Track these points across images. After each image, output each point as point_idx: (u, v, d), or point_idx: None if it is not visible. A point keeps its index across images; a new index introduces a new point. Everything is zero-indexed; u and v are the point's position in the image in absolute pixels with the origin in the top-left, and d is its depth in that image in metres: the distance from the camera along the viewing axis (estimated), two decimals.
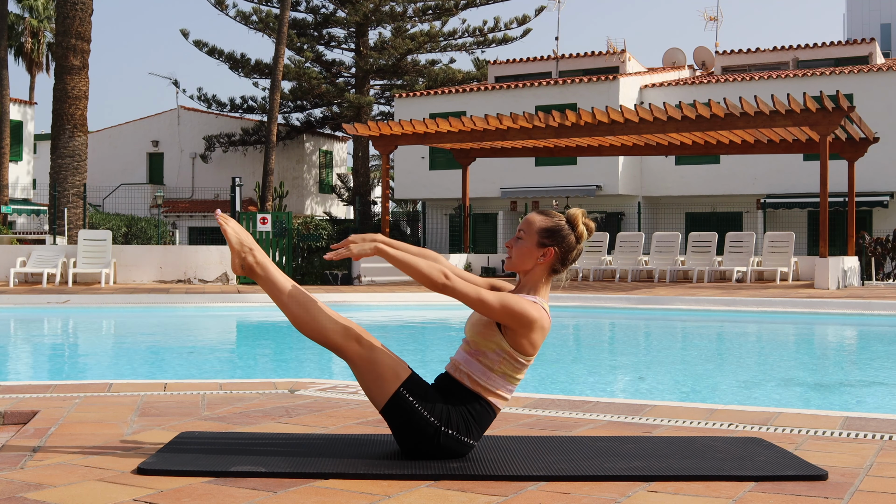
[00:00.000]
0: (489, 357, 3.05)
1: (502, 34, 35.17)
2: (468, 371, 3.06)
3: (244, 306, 13.28)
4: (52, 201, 20.40)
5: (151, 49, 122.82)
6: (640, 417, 3.88)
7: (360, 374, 3.05)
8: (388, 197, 21.66)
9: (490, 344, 3.04)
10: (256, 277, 3.15)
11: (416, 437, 2.99)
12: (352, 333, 3.04)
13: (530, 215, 3.19)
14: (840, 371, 7.64)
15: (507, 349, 3.03)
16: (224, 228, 3.13)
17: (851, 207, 18.72)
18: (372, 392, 3.04)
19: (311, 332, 3.06)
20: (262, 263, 3.14)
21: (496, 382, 3.05)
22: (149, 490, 2.62)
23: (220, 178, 37.07)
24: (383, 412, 3.03)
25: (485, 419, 3.06)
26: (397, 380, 3.01)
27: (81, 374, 7.24)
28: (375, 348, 3.04)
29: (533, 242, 3.12)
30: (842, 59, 28.68)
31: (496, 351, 3.04)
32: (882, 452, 3.23)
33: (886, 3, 42.17)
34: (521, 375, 3.10)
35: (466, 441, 3.01)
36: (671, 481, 2.78)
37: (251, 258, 3.14)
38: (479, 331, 3.07)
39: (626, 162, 28.27)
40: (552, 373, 7.05)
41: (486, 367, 3.05)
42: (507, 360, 3.04)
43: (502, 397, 3.08)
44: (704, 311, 12.43)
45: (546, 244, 3.11)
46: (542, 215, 3.16)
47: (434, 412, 2.98)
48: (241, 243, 3.14)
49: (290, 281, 3.13)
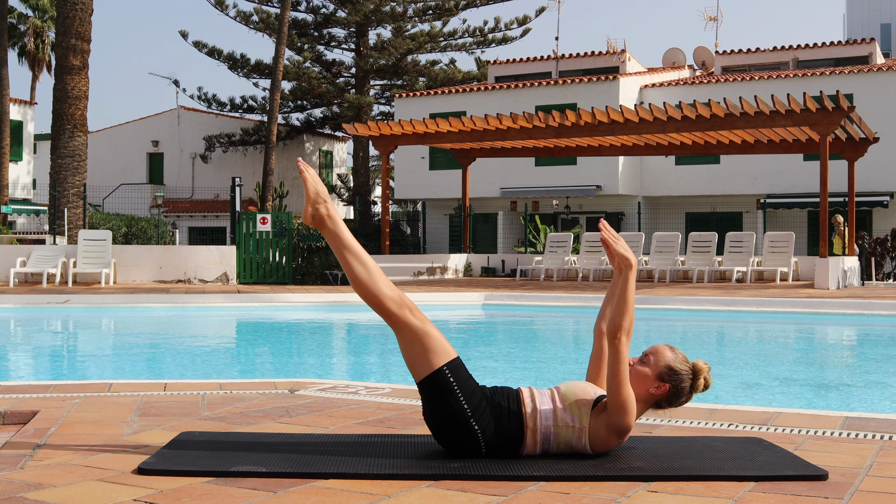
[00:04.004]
0: (564, 417, 3.05)
1: (502, 34, 35.18)
2: (538, 405, 3.06)
3: (244, 306, 13.27)
4: (52, 201, 20.40)
5: (151, 49, 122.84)
6: (640, 417, 3.87)
7: (407, 343, 3.05)
8: (388, 197, 21.66)
9: (574, 408, 3.05)
10: (325, 230, 3.17)
11: (444, 418, 3.00)
12: (406, 303, 3.07)
13: (660, 346, 3.20)
14: (840, 371, 7.64)
15: (583, 425, 3.03)
16: (304, 176, 3.16)
17: (851, 207, 18.72)
18: (415, 362, 3.04)
19: (368, 294, 3.08)
20: (333, 217, 3.18)
21: (545, 428, 3.04)
22: (149, 490, 2.62)
23: (220, 178, 37.07)
24: (421, 384, 3.04)
25: (510, 431, 3.03)
26: (446, 356, 3.03)
27: (81, 374, 7.24)
28: (427, 322, 3.08)
29: (655, 373, 3.13)
30: (842, 59, 28.68)
31: (573, 416, 3.04)
32: (882, 452, 3.22)
33: (886, 3, 42.17)
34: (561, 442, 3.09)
35: (481, 443, 3.01)
36: (671, 481, 2.78)
37: (324, 209, 3.17)
38: (575, 392, 3.08)
39: (626, 162, 28.27)
40: (553, 373, 7.05)
41: (553, 416, 3.05)
42: (573, 430, 3.04)
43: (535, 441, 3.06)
44: (704, 312, 12.42)
45: (664, 379, 3.13)
46: (673, 352, 3.17)
47: (469, 401, 3.00)
48: (317, 193, 3.18)
49: (355, 241, 3.16)
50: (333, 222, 3.16)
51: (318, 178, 3.22)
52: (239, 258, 18.29)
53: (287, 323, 12.06)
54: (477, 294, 13.82)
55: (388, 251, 20.26)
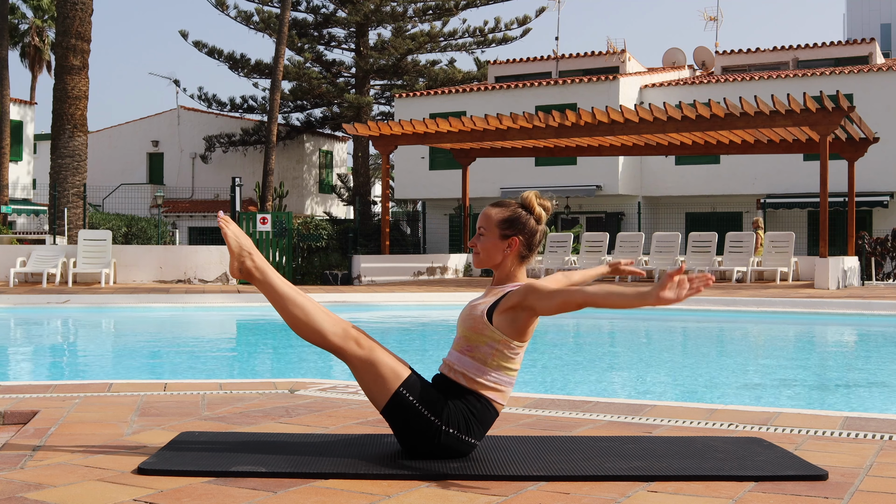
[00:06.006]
0: (482, 351, 3.05)
1: (502, 34, 35.18)
2: (462, 370, 3.07)
3: (244, 306, 13.28)
4: (52, 201, 20.40)
5: (151, 49, 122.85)
6: (640, 417, 3.88)
7: (359, 376, 3.05)
8: (388, 197, 21.65)
9: (483, 337, 3.05)
10: (255, 281, 3.15)
11: (417, 437, 2.99)
12: (350, 335, 3.04)
13: (486, 209, 3.21)
14: (840, 371, 7.64)
15: (501, 338, 3.03)
16: (224, 231, 3.12)
17: (851, 207, 18.72)
18: (372, 392, 3.04)
19: (310, 336, 3.07)
20: (260, 268, 3.13)
21: (492, 376, 3.05)
22: (149, 490, 2.62)
23: (220, 178, 37.06)
24: (384, 412, 3.03)
25: (486, 417, 3.06)
26: (397, 379, 3.01)
27: (81, 374, 7.24)
28: (375, 348, 3.04)
29: (495, 236, 3.15)
30: (842, 59, 28.68)
31: (489, 343, 3.05)
32: (882, 452, 3.22)
33: (886, 3, 42.17)
34: (516, 365, 3.09)
35: (468, 440, 3.01)
36: (671, 481, 2.78)
37: (249, 262, 3.14)
38: (470, 325, 3.08)
39: (626, 162, 28.27)
40: (552, 373, 7.05)
41: (479, 363, 3.06)
42: (499, 351, 3.04)
43: (500, 391, 3.07)
44: (704, 312, 12.42)
45: (508, 234, 3.14)
46: (497, 207, 3.19)
47: (434, 411, 2.98)
48: (240, 247, 3.14)
49: (288, 284, 3.13)
50: (262, 272, 3.13)
51: (240, 231, 3.18)
52: None
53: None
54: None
55: (387, 251, 20.26)
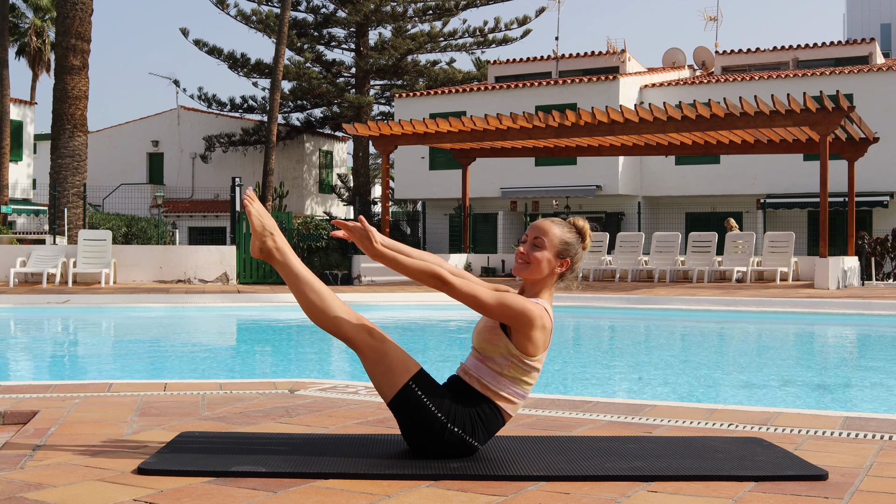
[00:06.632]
0: (497, 362, 3.06)
1: (502, 34, 35.19)
2: (478, 376, 3.08)
3: (244, 306, 13.28)
4: (52, 201, 20.40)
5: (151, 49, 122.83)
6: (640, 417, 3.88)
7: (369, 366, 3.06)
8: (388, 197, 21.66)
9: (497, 349, 3.06)
10: (274, 262, 3.16)
11: (422, 432, 3.00)
12: (364, 325, 3.08)
13: (546, 223, 3.18)
14: (840, 371, 7.64)
15: (514, 352, 3.04)
16: (248, 209, 3.13)
17: (851, 207, 18.72)
18: (381, 384, 3.05)
19: (324, 321, 3.08)
20: (281, 248, 3.15)
21: (506, 386, 3.06)
22: (149, 490, 2.62)
23: (220, 178, 37.07)
24: (391, 405, 3.04)
25: (493, 424, 3.07)
26: (407, 373, 3.03)
27: (81, 374, 7.24)
28: (387, 341, 3.07)
29: (553, 253, 3.14)
30: (842, 59, 28.68)
31: (504, 355, 3.05)
32: (882, 452, 3.22)
33: (886, 3, 42.16)
34: (532, 379, 3.10)
35: (471, 442, 3.02)
36: (671, 481, 2.78)
37: (271, 242, 3.15)
38: (485, 337, 3.09)
39: (626, 162, 28.27)
40: (552, 373, 7.05)
41: (495, 372, 3.07)
42: (514, 364, 3.05)
43: (511, 402, 3.08)
44: (704, 312, 12.42)
45: (564, 255, 3.15)
46: (559, 227, 3.17)
47: (442, 408, 3.00)
48: (262, 226, 3.16)
49: (306, 269, 3.15)
50: (282, 253, 3.14)
51: (264, 210, 3.19)
52: (239, 258, 18.28)
53: (287, 323, 12.06)
54: None
55: None
